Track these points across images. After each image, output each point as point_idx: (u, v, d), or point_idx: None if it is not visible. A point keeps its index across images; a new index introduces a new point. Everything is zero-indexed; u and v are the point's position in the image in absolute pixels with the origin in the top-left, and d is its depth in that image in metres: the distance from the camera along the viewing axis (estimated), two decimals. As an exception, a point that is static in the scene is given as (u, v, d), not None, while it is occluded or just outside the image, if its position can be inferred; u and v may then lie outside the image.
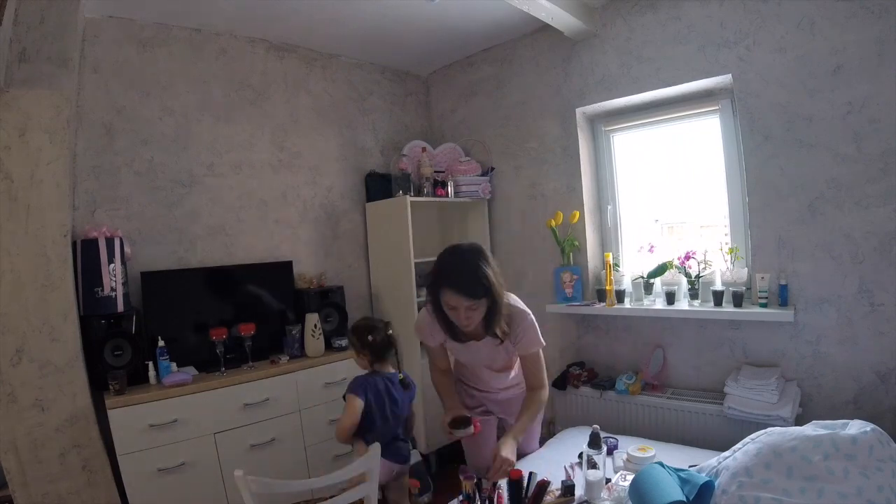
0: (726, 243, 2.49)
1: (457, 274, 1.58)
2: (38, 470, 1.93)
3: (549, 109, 3.05)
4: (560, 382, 2.78)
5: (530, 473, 1.60)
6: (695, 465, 1.61)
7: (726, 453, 1.52)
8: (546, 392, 1.85)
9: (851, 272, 2.13)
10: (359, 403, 1.96)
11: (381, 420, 2.02)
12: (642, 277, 2.65)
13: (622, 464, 1.84)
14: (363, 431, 2.00)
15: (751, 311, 2.29)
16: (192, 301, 2.50)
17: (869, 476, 1.25)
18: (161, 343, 2.24)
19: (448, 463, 3.01)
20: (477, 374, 1.94)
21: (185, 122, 2.63)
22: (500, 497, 1.55)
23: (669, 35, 2.54)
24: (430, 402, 2.96)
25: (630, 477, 1.57)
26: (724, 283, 2.44)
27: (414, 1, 2.57)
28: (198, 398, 2.18)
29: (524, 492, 1.55)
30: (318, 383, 2.57)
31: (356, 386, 2.00)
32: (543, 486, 1.55)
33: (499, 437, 1.84)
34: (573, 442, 2.11)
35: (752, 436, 1.50)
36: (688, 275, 2.49)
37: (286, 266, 2.86)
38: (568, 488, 1.60)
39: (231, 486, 2.12)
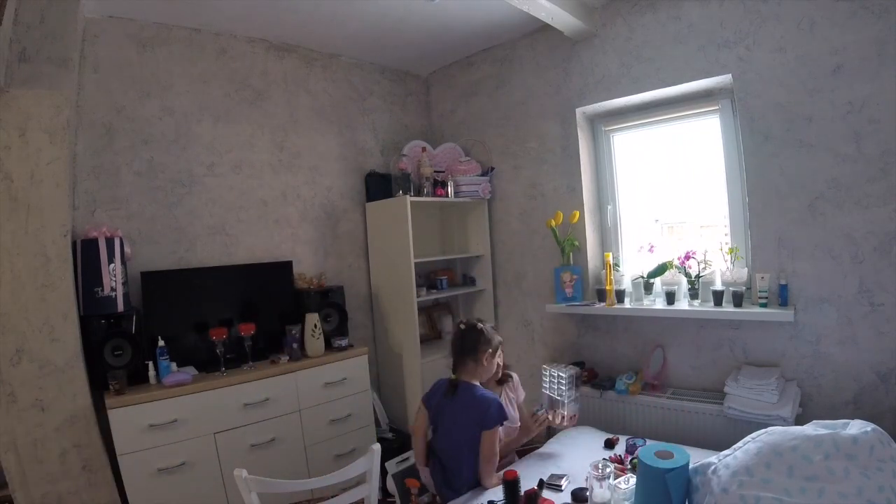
0: (726, 243, 2.49)
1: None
2: (38, 470, 1.93)
3: (549, 109, 3.05)
4: (560, 382, 2.77)
5: (541, 480, 1.63)
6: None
7: (726, 451, 1.52)
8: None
9: (851, 272, 2.13)
10: None
11: None
12: (642, 277, 2.65)
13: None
14: None
15: (751, 311, 2.29)
16: (192, 301, 2.50)
17: (869, 476, 1.25)
18: (161, 343, 2.24)
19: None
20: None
21: (185, 122, 2.63)
22: None
23: (669, 35, 2.54)
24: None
25: (632, 480, 1.57)
26: (724, 283, 2.44)
27: (414, 1, 2.57)
28: (198, 398, 2.18)
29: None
30: (318, 383, 2.56)
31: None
32: (532, 494, 1.57)
33: None
34: (572, 442, 2.12)
35: (753, 435, 1.49)
36: (688, 275, 2.49)
37: (286, 266, 2.85)
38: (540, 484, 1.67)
39: (231, 486, 2.12)
